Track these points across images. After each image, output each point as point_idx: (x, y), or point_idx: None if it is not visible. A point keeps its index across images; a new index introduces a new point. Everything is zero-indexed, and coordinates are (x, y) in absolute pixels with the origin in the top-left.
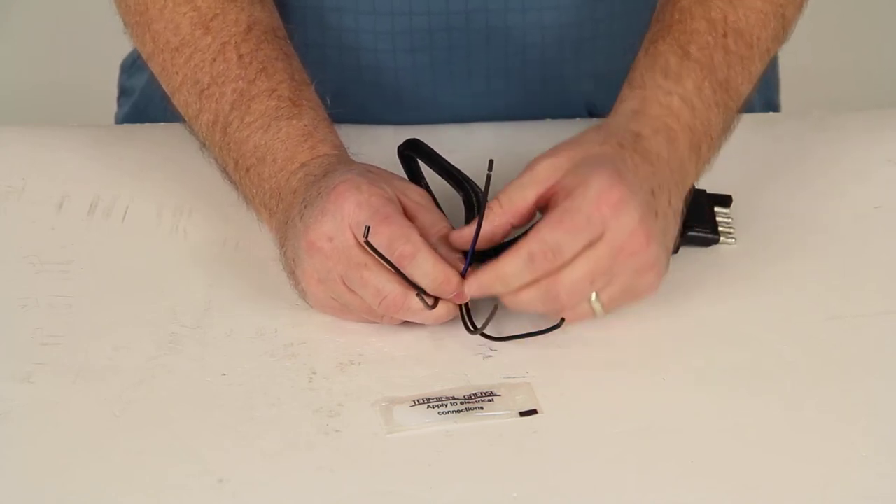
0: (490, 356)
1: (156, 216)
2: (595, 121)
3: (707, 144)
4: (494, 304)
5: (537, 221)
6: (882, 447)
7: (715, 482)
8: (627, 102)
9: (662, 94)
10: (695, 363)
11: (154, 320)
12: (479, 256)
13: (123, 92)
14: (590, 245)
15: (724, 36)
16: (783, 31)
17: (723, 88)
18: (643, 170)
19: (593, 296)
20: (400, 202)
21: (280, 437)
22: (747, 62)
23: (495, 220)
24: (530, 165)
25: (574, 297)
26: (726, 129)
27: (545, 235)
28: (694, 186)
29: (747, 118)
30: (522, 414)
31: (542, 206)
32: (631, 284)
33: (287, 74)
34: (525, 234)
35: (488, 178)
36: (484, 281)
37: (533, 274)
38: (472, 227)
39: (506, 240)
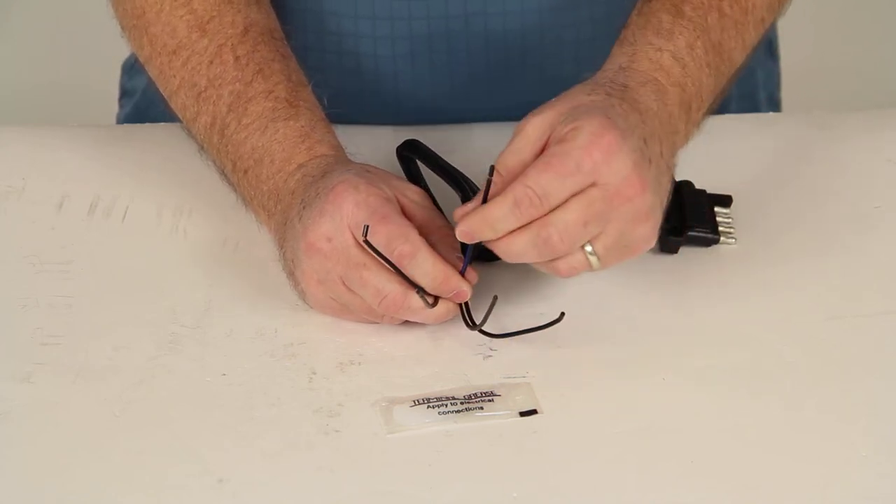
0: (490, 356)
1: (156, 216)
2: None
3: (697, 104)
4: (493, 296)
5: None
6: (882, 447)
7: (715, 482)
8: (616, 58)
9: (653, 50)
10: (695, 363)
11: (154, 320)
12: (483, 255)
13: (125, 93)
14: (581, 191)
15: None
16: (779, 4)
17: (715, 50)
18: (633, 118)
19: (588, 246)
20: (398, 202)
21: (280, 437)
22: (741, 28)
23: (498, 190)
24: (519, 128)
25: (567, 241)
26: (716, 93)
27: (531, 179)
28: (693, 185)
29: (747, 118)
30: (522, 414)
31: None
32: (626, 233)
33: (284, 76)
34: None
35: (488, 182)
36: (472, 225)
37: (519, 219)
38: (476, 202)
39: None
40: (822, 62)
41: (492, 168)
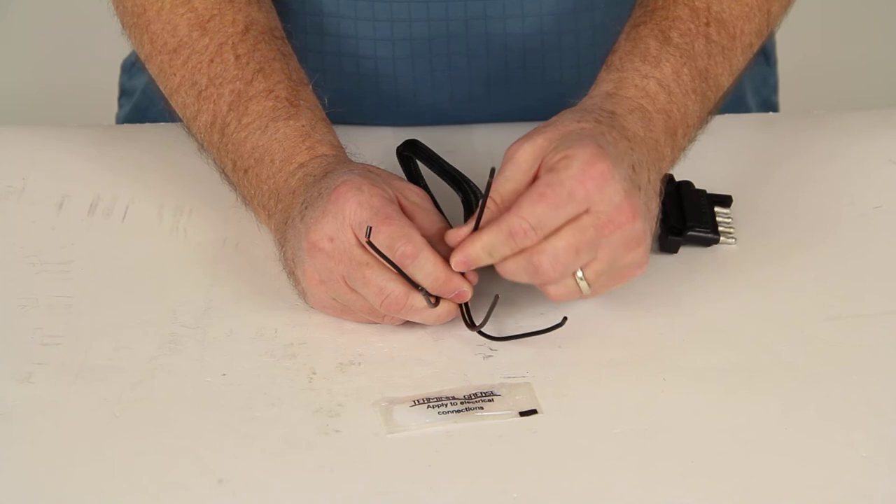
0: (490, 356)
1: (156, 216)
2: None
3: (683, 131)
4: (495, 296)
5: None
6: (882, 447)
7: (715, 482)
8: (603, 85)
9: (639, 77)
10: (695, 363)
11: (154, 320)
12: None
13: (124, 92)
14: (573, 219)
15: (707, 25)
16: (767, 27)
17: (702, 77)
18: (622, 145)
19: (580, 272)
20: (399, 203)
21: (280, 437)
22: (729, 53)
23: (493, 217)
24: (508, 155)
25: (558, 269)
26: (703, 119)
27: (525, 210)
28: (693, 185)
29: (747, 118)
30: (522, 414)
31: None
32: (617, 260)
33: (284, 75)
34: None
35: (489, 185)
36: (469, 252)
37: (513, 248)
38: (468, 226)
39: None
40: (822, 62)
41: (492, 170)
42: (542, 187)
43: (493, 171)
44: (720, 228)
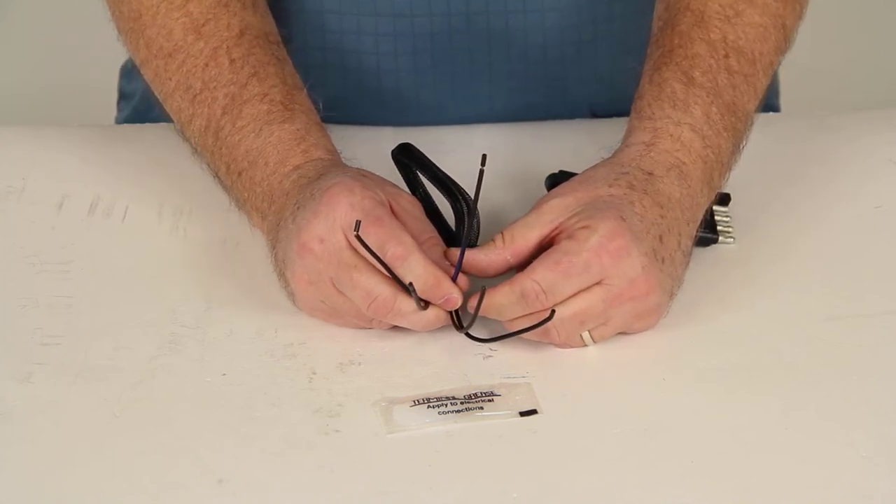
0: (490, 356)
1: (156, 216)
2: (597, 122)
3: (718, 171)
4: (482, 287)
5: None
6: (882, 447)
7: (715, 482)
8: (638, 134)
9: (672, 125)
10: (695, 363)
11: (154, 320)
12: None
13: (123, 96)
14: (586, 289)
15: (726, 57)
16: (785, 41)
17: (730, 111)
18: (652, 213)
19: (586, 333)
20: (390, 207)
21: (280, 437)
22: (751, 79)
23: (493, 256)
24: (538, 204)
25: (563, 334)
26: (735, 151)
27: (540, 275)
28: None
29: None
30: (522, 414)
31: (546, 246)
32: (626, 326)
33: (279, 79)
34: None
35: (481, 173)
36: (482, 306)
37: (524, 310)
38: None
39: None
40: (822, 62)
41: (483, 157)
42: (558, 255)
43: (484, 157)
44: (719, 228)
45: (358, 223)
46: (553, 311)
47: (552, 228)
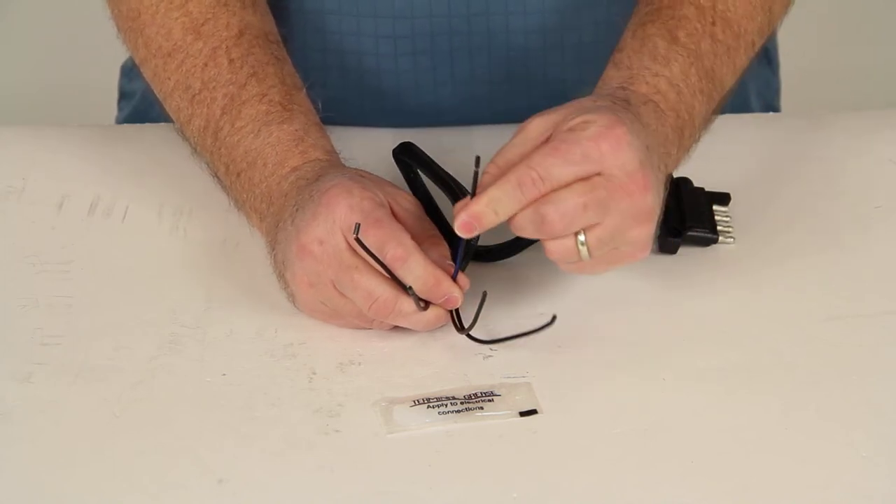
0: (490, 356)
1: (156, 216)
2: None
3: (689, 131)
4: (483, 293)
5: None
6: (882, 447)
7: (715, 482)
8: (612, 81)
9: (650, 74)
10: (695, 363)
11: (154, 320)
12: (475, 257)
13: (123, 95)
14: (585, 178)
15: (713, 24)
16: (769, 25)
17: (708, 77)
18: (637, 125)
19: (581, 236)
20: (390, 208)
21: (280, 437)
22: (733, 53)
23: (488, 183)
24: (521, 127)
25: (563, 222)
26: (707, 119)
27: (535, 161)
28: (692, 182)
29: (747, 118)
30: (522, 414)
31: None
32: (623, 231)
33: (278, 79)
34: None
35: (475, 174)
36: (474, 210)
37: (521, 201)
38: (467, 198)
39: (504, 242)
40: (822, 63)
41: (477, 159)
42: (556, 142)
43: (477, 159)
44: (719, 228)
45: (357, 226)
46: (555, 316)
47: (545, 139)
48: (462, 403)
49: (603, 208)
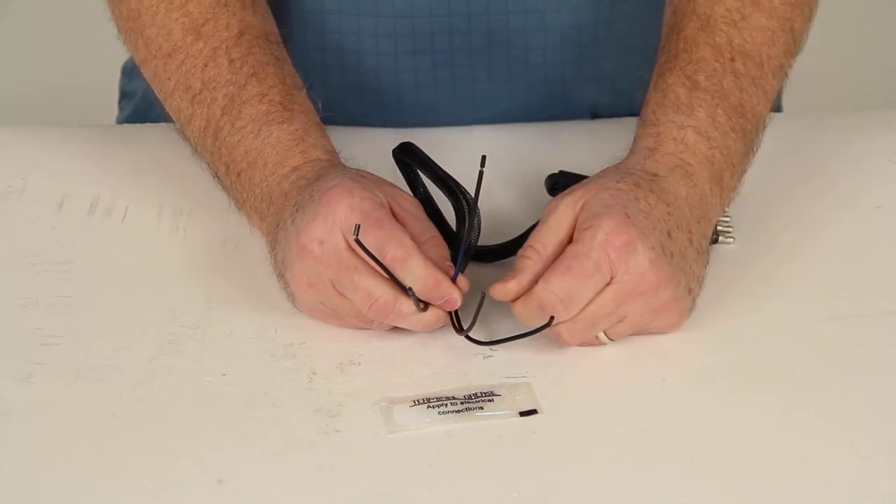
0: (490, 356)
1: (156, 216)
2: (598, 123)
3: (729, 172)
4: (481, 294)
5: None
6: (882, 447)
7: (715, 482)
8: (642, 141)
9: (676, 128)
10: (695, 363)
11: (154, 320)
12: (475, 257)
13: (124, 95)
14: (600, 291)
15: (732, 60)
16: (794, 44)
17: (737, 113)
18: (658, 210)
19: (601, 334)
20: (390, 208)
21: (280, 437)
22: (760, 82)
23: (537, 269)
24: (550, 208)
25: (576, 337)
26: (748, 153)
27: (555, 285)
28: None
29: None
30: (522, 414)
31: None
32: (644, 325)
33: (278, 79)
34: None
35: (480, 174)
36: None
37: (545, 319)
38: (512, 283)
39: (504, 242)
40: (823, 63)
41: (483, 158)
42: (568, 260)
43: (483, 158)
44: (719, 228)
45: (357, 227)
46: (552, 318)
47: (571, 226)
48: (462, 403)
49: (616, 314)
